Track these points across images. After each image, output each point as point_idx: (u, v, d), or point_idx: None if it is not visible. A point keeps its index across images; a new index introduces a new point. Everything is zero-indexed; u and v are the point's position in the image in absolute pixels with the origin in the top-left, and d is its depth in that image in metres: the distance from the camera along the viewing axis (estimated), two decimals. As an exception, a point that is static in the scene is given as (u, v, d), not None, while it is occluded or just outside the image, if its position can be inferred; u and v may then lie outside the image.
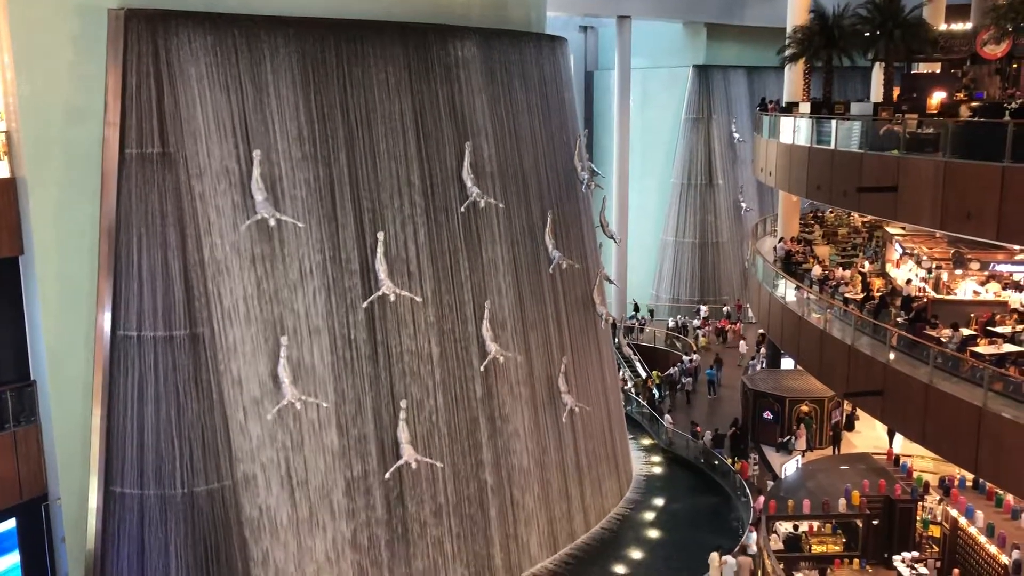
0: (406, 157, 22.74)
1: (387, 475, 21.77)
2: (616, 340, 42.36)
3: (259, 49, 19.99)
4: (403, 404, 22.08)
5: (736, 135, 56.30)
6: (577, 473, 27.63)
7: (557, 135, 28.78)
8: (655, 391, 38.18)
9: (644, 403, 37.17)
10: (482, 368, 24.11)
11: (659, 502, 29.96)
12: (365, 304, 21.60)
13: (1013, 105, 22.03)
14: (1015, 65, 28.20)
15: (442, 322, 23.46)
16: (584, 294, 29.43)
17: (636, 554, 26.69)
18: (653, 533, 28.00)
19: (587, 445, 28.29)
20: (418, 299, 22.61)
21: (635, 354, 43.71)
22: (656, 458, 33.39)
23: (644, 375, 40.71)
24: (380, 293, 21.64)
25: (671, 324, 46.45)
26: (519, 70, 26.70)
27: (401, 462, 21.78)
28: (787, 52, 29.85)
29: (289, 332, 20.30)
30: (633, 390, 38.87)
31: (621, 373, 38.87)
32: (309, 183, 20.85)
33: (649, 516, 29.06)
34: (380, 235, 21.74)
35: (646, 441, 34.86)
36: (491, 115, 25.27)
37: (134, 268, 18.90)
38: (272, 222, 19.83)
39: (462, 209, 23.87)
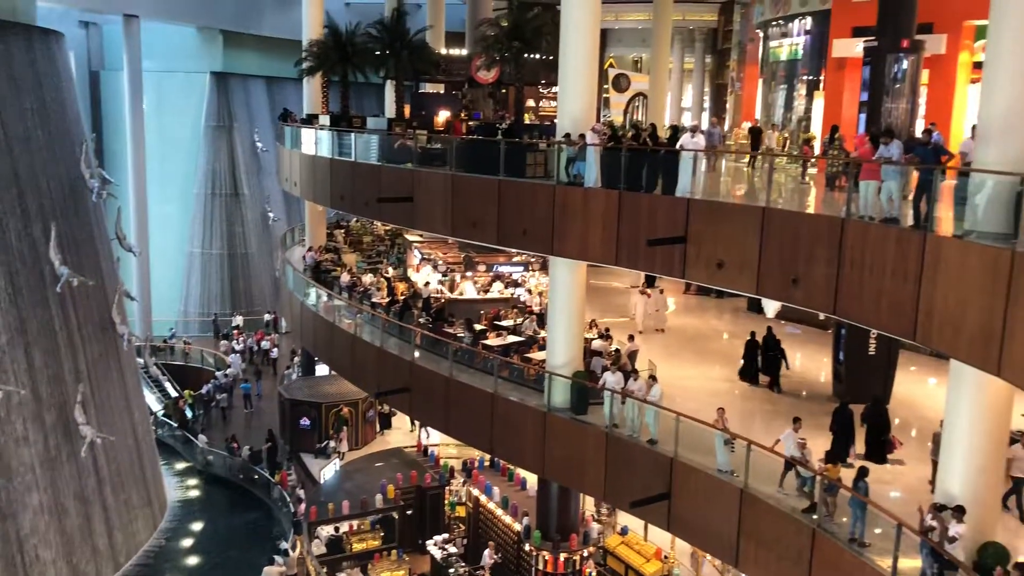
0: None
1: None
2: (143, 360, 39.39)
3: None
4: None
5: (259, 145, 55.77)
6: (103, 511, 25.18)
7: (58, 140, 25.91)
8: (188, 411, 36.27)
9: (176, 425, 35.14)
10: (-25, 407, 20.79)
11: (197, 526, 28.64)
12: None
13: (503, 125, 25.00)
14: (503, 90, 31.99)
15: (-83, 358, 19.74)
16: (102, 314, 26.90)
17: (175, 586, 25.24)
18: (192, 560, 26.71)
19: (113, 478, 25.94)
20: None
21: (164, 374, 41.08)
22: (192, 481, 31.88)
23: (175, 395, 38.45)
24: None
25: (239, 347, 43.02)
26: (5, 64, 23.55)
27: None
28: (304, 65, 30.27)
29: None
30: (163, 412, 36.55)
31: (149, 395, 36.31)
32: None
33: (187, 543, 27.66)
34: None
35: (180, 465, 33.07)
36: (-28, 114, 21.89)
37: None
38: None
39: (-62, 223, 20.35)
